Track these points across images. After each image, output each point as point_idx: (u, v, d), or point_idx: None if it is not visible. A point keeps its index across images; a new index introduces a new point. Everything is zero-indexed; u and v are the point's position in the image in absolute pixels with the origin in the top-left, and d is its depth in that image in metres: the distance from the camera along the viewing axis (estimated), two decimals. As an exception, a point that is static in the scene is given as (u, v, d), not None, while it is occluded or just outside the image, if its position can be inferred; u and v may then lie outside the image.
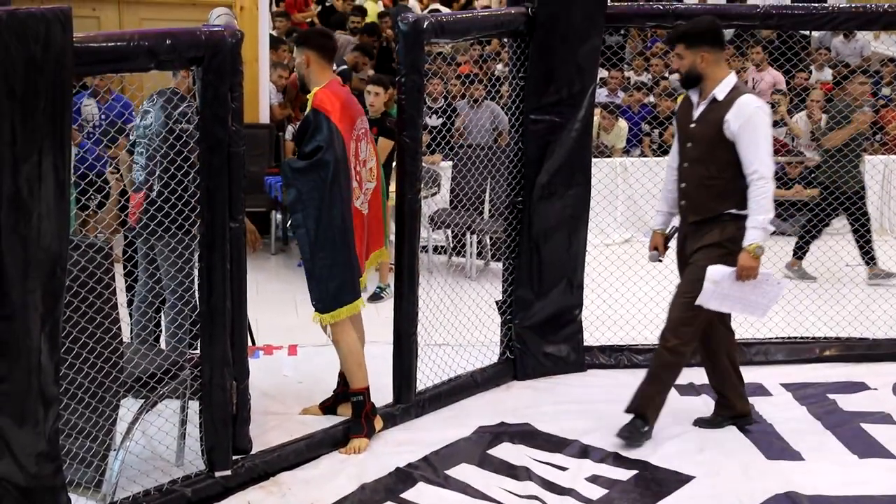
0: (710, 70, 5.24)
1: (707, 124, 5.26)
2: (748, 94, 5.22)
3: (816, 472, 5.23)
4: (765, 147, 5.15)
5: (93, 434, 4.41)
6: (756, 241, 5.15)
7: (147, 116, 5.34)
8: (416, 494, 4.96)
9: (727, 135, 5.17)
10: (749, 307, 5.34)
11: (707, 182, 5.30)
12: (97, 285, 4.31)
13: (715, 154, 5.25)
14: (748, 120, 5.13)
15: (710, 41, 5.24)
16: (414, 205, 5.51)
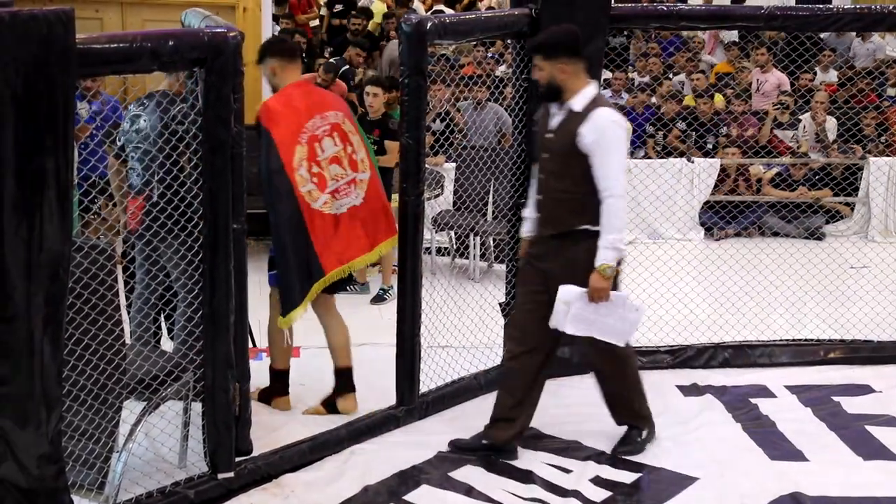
0: (570, 81, 5.03)
1: (562, 136, 5.04)
2: (605, 108, 5.00)
3: (821, 474, 5.22)
4: (617, 164, 4.93)
5: (95, 436, 4.41)
6: (607, 262, 4.92)
7: (138, 120, 5.28)
8: (419, 496, 4.96)
9: (581, 148, 4.94)
10: (607, 332, 5.06)
11: (562, 196, 5.08)
12: (100, 287, 4.30)
13: (569, 167, 5.03)
14: (602, 134, 4.91)
15: (568, 52, 5.03)
16: (417, 206, 5.50)
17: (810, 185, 10.13)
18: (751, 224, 10.07)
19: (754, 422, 5.82)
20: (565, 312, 5.00)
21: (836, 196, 10.10)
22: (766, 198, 10.14)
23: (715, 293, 7.32)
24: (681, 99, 11.22)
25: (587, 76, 5.14)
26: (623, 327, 5.06)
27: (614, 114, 5.02)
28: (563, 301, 4.99)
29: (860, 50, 13.00)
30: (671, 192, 9.47)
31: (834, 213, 10.26)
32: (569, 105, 5.05)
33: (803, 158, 10.33)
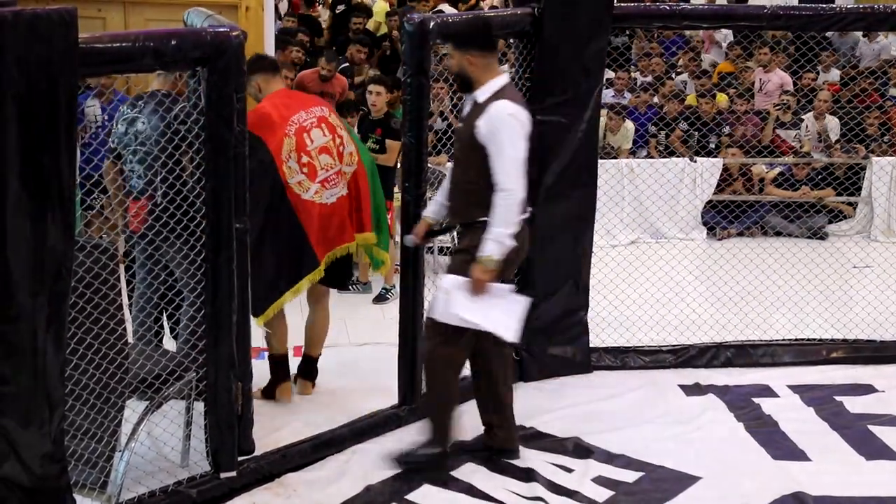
0: (478, 73, 5.00)
1: (466, 127, 5.04)
2: (504, 100, 4.93)
3: (823, 474, 5.22)
4: (511, 157, 4.88)
5: (98, 435, 4.41)
6: (490, 254, 4.84)
7: (136, 122, 5.28)
8: (421, 496, 4.96)
9: (479, 140, 4.91)
10: (492, 324, 4.99)
11: (465, 186, 5.07)
12: (102, 286, 4.30)
13: (471, 158, 5.01)
14: (497, 127, 4.87)
15: (477, 45, 5.01)
16: (419, 206, 5.50)
17: (813, 184, 10.12)
18: (753, 224, 10.06)
19: (757, 421, 5.82)
20: (445, 301, 4.95)
21: (839, 196, 10.10)
22: (769, 197, 10.13)
23: (717, 293, 7.32)
24: (683, 98, 11.21)
25: (497, 68, 5.12)
26: (505, 320, 5.01)
27: (512, 106, 4.95)
28: (444, 290, 4.96)
29: (866, 50, 12.98)
30: (674, 191, 9.47)
31: (837, 212, 10.26)
32: (474, 96, 5.05)
33: (806, 158, 10.32)
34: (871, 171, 10.01)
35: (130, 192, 5.33)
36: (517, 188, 4.91)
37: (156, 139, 5.07)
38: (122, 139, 5.34)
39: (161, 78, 5.34)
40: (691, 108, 10.79)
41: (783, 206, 9.97)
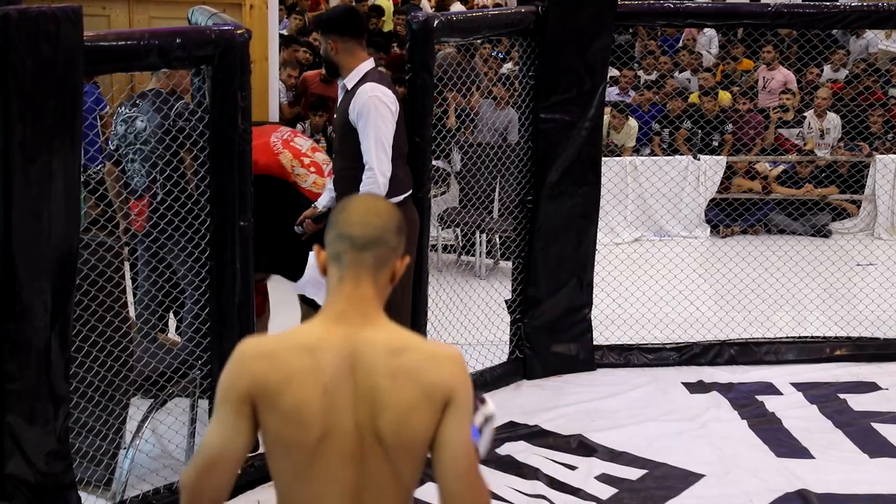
0: (342, 59, 5.09)
1: (340, 114, 5.12)
2: (370, 83, 5.01)
3: (827, 471, 5.22)
4: (374, 137, 4.93)
5: (103, 432, 4.42)
6: None
7: (135, 121, 5.28)
8: (423, 493, 4.95)
9: (353, 125, 5.00)
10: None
11: (345, 173, 5.13)
12: (107, 284, 4.31)
13: (346, 145, 5.09)
14: (363, 109, 4.95)
15: (339, 29, 5.09)
16: (423, 203, 5.51)
17: (816, 182, 10.12)
18: (757, 221, 10.06)
19: (760, 419, 5.82)
20: (310, 276, 5.01)
21: (843, 193, 10.09)
22: (773, 195, 10.13)
23: (721, 290, 7.32)
24: (686, 96, 11.20)
25: (364, 54, 5.17)
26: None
27: (378, 88, 5.00)
28: (311, 265, 5.01)
29: (853, 47, 12.99)
30: (677, 189, 9.46)
31: (840, 210, 10.25)
32: (344, 83, 5.14)
33: (809, 156, 10.32)
34: (875, 168, 10.00)
35: (135, 191, 5.34)
36: (382, 168, 4.96)
37: (157, 138, 5.07)
38: (121, 139, 5.34)
39: (158, 76, 5.34)
40: (695, 105, 10.79)
41: (787, 203, 9.96)
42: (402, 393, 2.27)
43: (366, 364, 2.29)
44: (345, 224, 2.34)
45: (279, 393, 2.26)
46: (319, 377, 2.27)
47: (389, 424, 2.27)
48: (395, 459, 2.30)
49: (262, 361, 2.28)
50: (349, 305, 2.33)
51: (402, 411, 2.26)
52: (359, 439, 2.29)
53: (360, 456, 2.30)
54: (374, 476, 2.31)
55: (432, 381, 2.28)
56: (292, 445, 2.28)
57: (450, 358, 2.34)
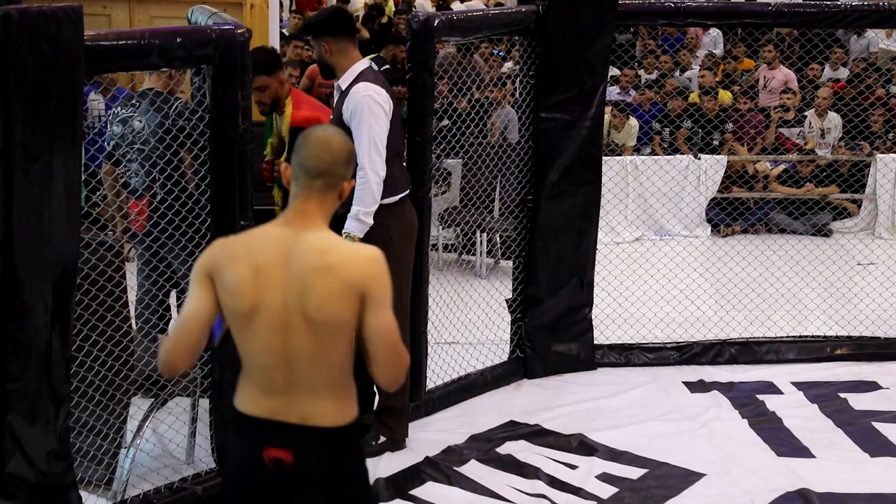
0: (337, 59, 5.06)
1: (336, 115, 5.12)
2: (364, 83, 4.97)
3: (827, 470, 5.22)
4: (367, 137, 4.88)
5: (104, 432, 4.43)
6: (350, 231, 4.88)
7: (132, 121, 5.28)
8: (424, 492, 4.97)
9: (347, 125, 4.95)
10: None
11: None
12: (108, 283, 4.31)
13: None
14: (356, 109, 4.92)
15: (330, 30, 5.06)
16: (424, 203, 5.51)
17: (817, 181, 10.12)
18: (758, 221, 10.06)
19: (761, 418, 5.82)
20: None
21: (843, 193, 10.10)
22: (773, 194, 10.13)
23: (721, 290, 7.32)
24: (687, 96, 11.21)
25: (357, 54, 5.15)
26: None
27: (371, 87, 4.97)
28: None
29: (854, 46, 12.99)
30: (678, 188, 9.46)
31: (841, 209, 10.26)
32: (339, 84, 5.12)
33: (810, 155, 10.32)
34: (876, 167, 10.00)
35: (135, 191, 5.34)
36: (375, 168, 4.93)
37: (157, 137, 5.07)
38: (120, 139, 5.34)
39: (154, 76, 5.34)
40: (695, 105, 10.79)
41: (787, 203, 9.96)
42: (325, 283, 2.87)
43: (298, 258, 2.90)
44: (303, 157, 2.96)
45: (224, 270, 2.92)
46: (252, 261, 2.91)
47: (314, 308, 2.87)
48: (322, 334, 2.90)
49: (218, 249, 2.98)
50: (296, 215, 2.96)
51: (324, 298, 2.87)
52: (286, 316, 2.90)
53: (288, 329, 2.91)
54: (302, 348, 2.92)
55: (350, 276, 2.87)
56: (233, 313, 2.94)
57: (368, 258, 2.93)
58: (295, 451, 2.96)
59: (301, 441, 2.97)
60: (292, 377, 2.95)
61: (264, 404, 2.98)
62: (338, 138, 3.00)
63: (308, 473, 2.98)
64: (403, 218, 5.12)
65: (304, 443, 2.97)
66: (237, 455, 3.07)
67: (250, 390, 3.01)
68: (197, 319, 2.94)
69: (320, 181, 2.95)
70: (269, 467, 2.97)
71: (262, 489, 3.01)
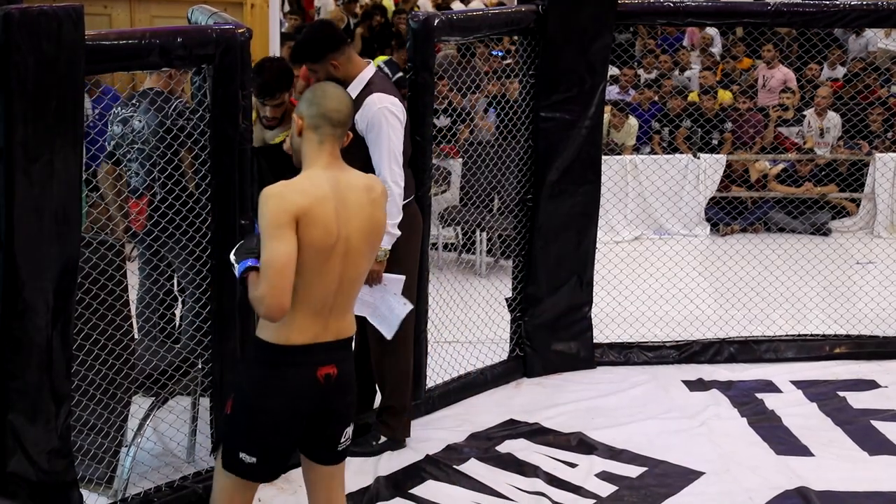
0: (344, 71, 4.97)
1: None
2: (377, 94, 4.91)
3: (826, 469, 5.23)
4: (386, 150, 4.87)
5: (105, 430, 4.43)
6: (381, 246, 4.78)
7: (132, 121, 5.29)
8: (424, 490, 4.97)
9: (359, 133, 4.89)
10: (377, 318, 4.99)
11: None
12: (109, 282, 4.32)
13: (353, 155, 4.87)
14: (371, 121, 4.87)
15: (331, 47, 4.96)
16: (424, 202, 5.52)
17: (816, 181, 10.13)
18: (757, 220, 10.08)
19: (760, 417, 5.83)
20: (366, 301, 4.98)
21: (842, 192, 10.11)
22: (772, 194, 10.14)
23: (721, 289, 7.34)
24: (686, 95, 11.22)
25: (358, 57, 5.12)
26: (387, 315, 4.97)
27: (386, 98, 4.93)
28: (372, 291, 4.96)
29: (853, 46, 13.00)
30: (677, 188, 9.47)
31: (840, 209, 10.27)
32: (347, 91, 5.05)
33: (809, 154, 10.33)
34: (875, 167, 10.01)
35: (136, 190, 5.35)
36: (396, 180, 4.93)
37: (158, 137, 5.08)
38: (120, 139, 5.34)
39: (155, 76, 5.35)
40: (694, 104, 10.80)
41: (786, 202, 9.97)
42: (378, 214, 3.52)
43: (353, 195, 3.44)
44: (327, 109, 3.45)
45: (314, 211, 3.32)
46: (331, 201, 3.38)
47: (375, 234, 3.51)
48: (370, 257, 3.52)
49: (299, 195, 3.33)
50: (331, 159, 3.47)
51: (379, 225, 3.52)
52: (347, 244, 3.40)
53: (351, 256, 3.43)
54: (358, 270, 3.49)
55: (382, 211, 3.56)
56: (322, 247, 3.35)
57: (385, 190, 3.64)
58: (338, 364, 3.49)
59: (340, 354, 3.52)
60: (338, 300, 3.46)
61: (312, 331, 3.43)
62: (348, 96, 3.61)
63: (347, 380, 3.54)
64: (410, 221, 5.11)
65: (341, 355, 3.52)
66: (285, 386, 3.44)
67: (298, 321, 3.40)
68: (291, 261, 3.29)
69: (340, 130, 3.47)
70: (321, 384, 3.45)
71: (316, 408, 3.49)
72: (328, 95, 3.48)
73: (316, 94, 3.49)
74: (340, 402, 3.55)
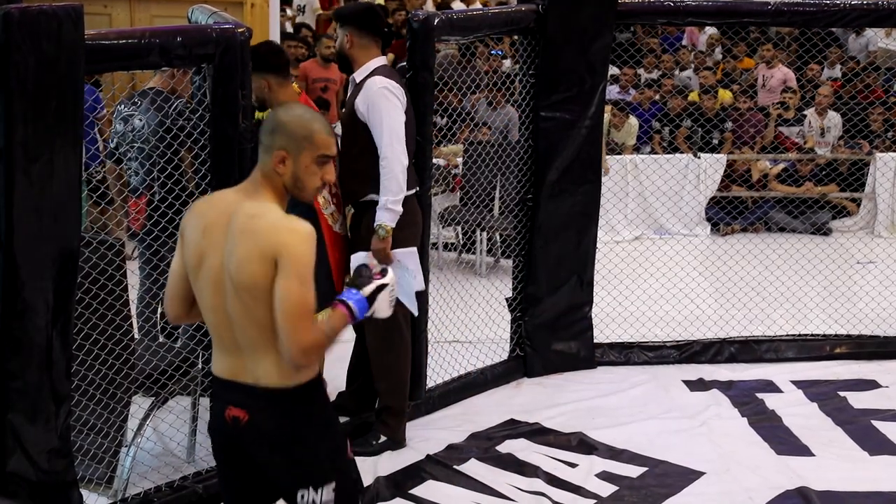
0: (356, 53, 5.13)
1: (348, 108, 5.16)
2: (378, 76, 5.03)
3: (827, 469, 5.23)
4: (388, 128, 4.94)
5: (104, 430, 4.43)
6: (382, 222, 4.95)
7: (132, 119, 5.29)
8: (424, 490, 4.97)
9: (360, 118, 5.02)
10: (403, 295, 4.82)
11: (352, 167, 5.13)
12: (109, 282, 4.32)
13: (354, 138, 5.10)
14: (372, 102, 4.97)
15: (356, 23, 5.12)
16: (424, 202, 5.51)
17: (817, 180, 10.13)
18: (757, 220, 10.08)
19: (760, 416, 5.83)
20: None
21: (843, 192, 10.10)
22: (773, 193, 10.14)
23: (721, 288, 7.33)
24: (686, 95, 11.21)
25: (377, 52, 5.21)
26: (410, 294, 4.92)
27: (386, 80, 5.03)
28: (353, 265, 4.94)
29: (854, 45, 12.99)
30: (678, 187, 9.47)
31: (840, 208, 10.27)
32: (353, 77, 5.18)
33: (810, 154, 10.33)
34: (875, 166, 10.01)
35: (135, 189, 5.35)
36: (398, 156, 4.97)
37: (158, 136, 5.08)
38: (121, 137, 5.35)
39: (158, 76, 5.35)
40: (695, 104, 10.80)
41: (787, 202, 9.97)
42: (245, 246, 3.00)
43: (234, 221, 3.05)
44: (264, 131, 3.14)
45: (186, 227, 3.17)
46: (202, 221, 3.12)
47: (234, 268, 3.02)
48: (242, 296, 3.03)
49: (188, 212, 3.20)
50: (247, 183, 3.16)
51: (242, 259, 3.00)
52: (216, 274, 3.07)
53: (223, 288, 3.07)
54: (234, 308, 3.06)
55: (266, 241, 2.99)
56: (190, 268, 3.14)
57: (290, 228, 3.02)
58: (249, 410, 3.14)
59: (253, 401, 3.13)
60: (236, 337, 3.10)
61: (224, 365, 3.18)
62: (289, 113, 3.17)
63: (261, 432, 3.14)
64: (407, 217, 5.11)
65: (255, 403, 3.13)
66: (211, 413, 3.29)
67: (215, 351, 3.21)
68: (173, 273, 3.23)
69: (265, 143, 3.13)
70: (229, 425, 3.16)
71: (228, 446, 3.23)
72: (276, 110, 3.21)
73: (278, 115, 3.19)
74: (262, 455, 3.19)
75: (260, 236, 2.99)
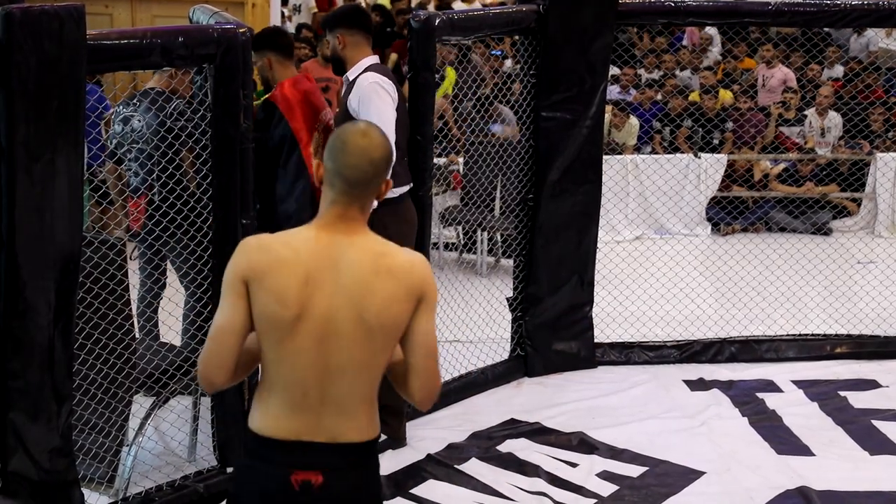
0: (349, 53, 5.18)
1: (342, 106, 5.20)
2: (370, 73, 5.08)
3: (827, 468, 5.23)
4: (377, 121, 4.77)
5: (105, 430, 4.44)
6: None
7: (132, 120, 5.30)
8: (425, 490, 4.98)
9: (353, 115, 5.02)
10: None
11: None
12: (110, 282, 4.33)
13: None
14: (364, 96, 5.00)
15: (345, 23, 5.19)
16: (425, 202, 5.52)
17: (817, 180, 10.13)
18: (758, 220, 10.08)
19: (761, 416, 5.83)
20: None
21: (843, 192, 10.10)
22: (773, 193, 10.14)
23: (721, 288, 7.34)
24: (687, 95, 11.21)
25: (369, 50, 5.25)
26: None
27: (378, 76, 5.07)
28: None
29: (854, 45, 12.99)
30: (678, 187, 9.47)
31: (840, 208, 10.27)
32: (347, 76, 5.21)
33: (810, 154, 10.33)
34: (876, 166, 10.01)
35: (136, 189, 5.36)
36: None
37: (159, 136, 5.09)
38: (121, 138, 5.35)
39: (158, 76, 5.36)
40: (695, 104, 10.80)
41: (787, 202, 9.97)
42: (386, 286, 2.76)
43: (351, 263, 2.76)
44: (342, 165, 2.78)
45: (267, 275, 2.74)
46: (301, 267, 2.75)
47: (374, 312, 2.75)
48: (376, 341, 2.78)
49: (257, 252, 2.78)
50: (338, 220, 2.80)
51: (386, 300, 2.75)
52: (334, 324, 2.75)
53: (334, 339, 2.76)
54: (349, 358, 2.77)
55: (411, 279, 2.78)
56: (274, 321, 2.75)
57: (423, 262, 2.85)
58: (325, 471, 2.82)
59: (331, 460, 2.83)
60: (326, 393, 2.80)
61: (289, 425, 2.82)
62: (378, 144, 2.81)
63: (338, 494, 2.84)
64: (402, 215, 5.13)
65: (334, 462, 2.83)
66: (254, 484, 2.89)
67: (275, 409, 2.83)
68: (231, 331, 2.77)
69: (359, 190, 2.80)
70: (295, 491, 2.81)
71: None
72: (347, 149, 2.78)
73: (336, 145, 2.82)
74: None
75: (402, 273, 2.79)
